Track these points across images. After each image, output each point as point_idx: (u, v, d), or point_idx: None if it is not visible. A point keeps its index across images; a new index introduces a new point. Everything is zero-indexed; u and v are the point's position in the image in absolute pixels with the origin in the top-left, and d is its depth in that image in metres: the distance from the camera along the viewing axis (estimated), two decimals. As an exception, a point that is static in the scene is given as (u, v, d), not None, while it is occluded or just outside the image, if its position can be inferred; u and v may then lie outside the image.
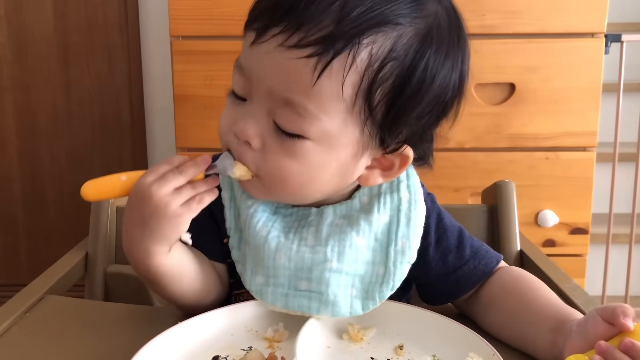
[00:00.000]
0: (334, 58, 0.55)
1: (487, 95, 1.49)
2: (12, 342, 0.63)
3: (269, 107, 0.59)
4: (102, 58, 2.08)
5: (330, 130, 0.59)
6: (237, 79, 0.62)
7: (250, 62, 0.60)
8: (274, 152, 0.60)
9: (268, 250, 0.64)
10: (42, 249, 2.20)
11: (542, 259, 0.86)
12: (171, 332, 0.59)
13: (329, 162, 0.61)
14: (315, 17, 0.55)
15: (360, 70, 0.56)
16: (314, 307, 0.63)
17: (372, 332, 0.63)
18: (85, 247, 0.92)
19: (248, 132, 0.60)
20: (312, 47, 0.55)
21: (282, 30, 0.56)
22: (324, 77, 0.56)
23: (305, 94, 0.57)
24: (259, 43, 0.58)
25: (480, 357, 0.56)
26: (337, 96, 0.57)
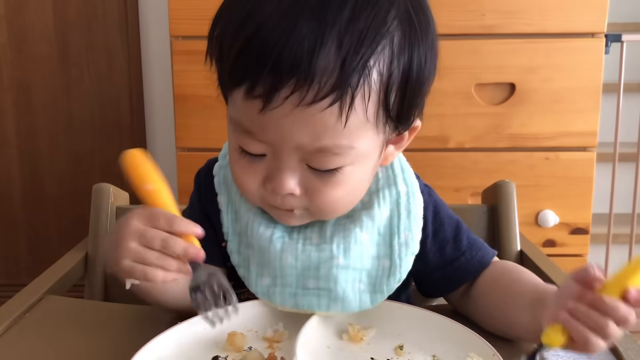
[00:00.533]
0: (354, 96, 0.55)
1: (487, 95, 1.49)
2: (12, 342, 0.63)
3: (299, 157, 0.59)
4: (102, 58, 2.08)
5: (362, 150, 0.60)
6: (249, 143, 0.59)
7: (264, 128, 0.57)
8: (318, 190, 0.61)
9: (274, 251, 0.65)
10: (42, 249, 2.20)
11: (542, 259, 0.86)
12: (171, 332, 0.59)
13: (366, 173, 0.63)
14: (321, 66, 0.53)
15: (376, 90, 0.57)
16: (324, 304, 0.64)
17: (372, 332, 0.63)
18: (85, 247, 0.92)
19: (289, 186, 0.60)
20: (330, 96, 0.54)
21: (294, 90, 0.54)
22: (351, 116, 0.56)
23: (336, 136, 0.57)
24: (271, 110, 0.55)
25: (480, 357, 0.56)
26: (364, 122, 0.58)
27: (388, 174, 0.69)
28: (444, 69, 1.65)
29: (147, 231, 0.56)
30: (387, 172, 0.69)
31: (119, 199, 0.95)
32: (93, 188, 0.93)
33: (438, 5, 1.59)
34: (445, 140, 1.50)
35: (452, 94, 1.47)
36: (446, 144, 1.50)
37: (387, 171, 0.69)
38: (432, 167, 1.49)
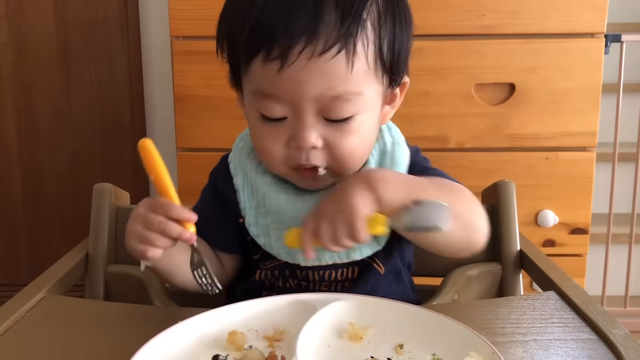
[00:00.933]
0: (355, 44, 0.64)
1: (487, 95, 1.49)
2: (12, 342, 0.63)
3: (316, 110, 0.67)
4: (102, 58, 2.08)
5: (368, 97, 0.68)
6: (271, 106, 0.67)
7: (284, 86, 0.65)
8: (337, 141, 0.68)
9: (291, 212, 0.73)
10: (42, 249, 2.20)
11: (542, 259, 0.86)
12: (171, 331, 0.59)
13: (374, 122, 0.72)
14: (325, 21, 0.63)
15: (372, 39, 0.66)
16: (343, 253, 0.73)
17: (372, 331, 0.63)
18: (85, 247, 0.92)
19: (310, 140, 0.67)
20: (337, 45, 0.63)
21: (305, 45, 0.63)
22: (356, 62, 0.65)
23: (347, 82, 0.65)
24: (289, 66, 0.64)
25: (480, 356, 0.56)
26: (367, 69, 0.67)
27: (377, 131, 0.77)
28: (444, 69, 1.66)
29: (148, 215, 0.66)
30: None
31: (119, 199, 0.95)
32: (94, 188, 0.93)
33: (438, 5, 1.61)
34: (445, 140, 1.50)
35: (452, 94, 1.48)
36: (446, 144, 1.50)
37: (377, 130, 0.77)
38: (432, 167, 1.49)
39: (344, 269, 0.77)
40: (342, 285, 0.78)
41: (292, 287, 0.78)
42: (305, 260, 0.73)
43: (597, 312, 0.67)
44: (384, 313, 0.65)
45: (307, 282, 0.77)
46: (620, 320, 0.66)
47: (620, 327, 0.64)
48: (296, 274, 0.77)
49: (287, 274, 0.78)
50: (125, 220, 0.94)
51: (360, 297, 0.68)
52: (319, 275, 0.77)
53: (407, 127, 1.52)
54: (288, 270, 0.77)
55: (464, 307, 0.75)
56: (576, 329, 0.65)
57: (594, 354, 0.60)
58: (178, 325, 0.61)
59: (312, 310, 0.63)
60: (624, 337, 0.62)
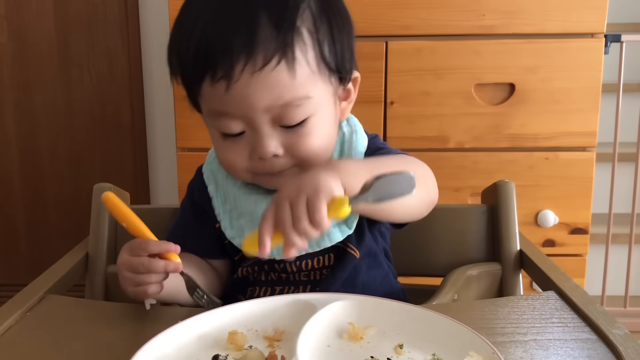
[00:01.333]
0: (294, 51, 0.67)
1: (487, 95, 1.49)
2: (12, 342, 0.63)
3: (270, 120, 0.69)
4: (102, 58, 2.08)
5: (319, 99, 0.70)
6: (226, 123, 0.70)
7: (234, 103, 0.68)
8: (296, 144, 0.70)
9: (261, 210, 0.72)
10: (42, 249, 2.20)
11: (542, 259, 0.86)
12: (171, 331, 0.59)
13: (330, 120, 0.74)
14: (261, 36, 0.66)
15: (311, 44, 0.69)
16: (314, 243, 0.74)
17: (372, 331, 0.63)
18: (85, 247, 0.92)
19: (271, 150, 0.69)
20: (275, 56, 0.66)
21: (246, 62, 0.66)
22: (297, 68, 0.67)
23: (293, 89, 0.68)
24: (234, 84, 0.66)
25: (480, 356, 0.56)
26: (310, 73, 0.69)
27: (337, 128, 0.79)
28: (444, 69, 1.66)
29: (132, 260, 0.68)
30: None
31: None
32: (94, 188, 0.93)
33: (438, 5, 1.61)
34: (445, 140, 1.50)
35: (452, 94, 1.48)
36: (446, 144, 1.50)
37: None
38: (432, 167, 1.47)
39: (320, 257, 0.78)
40: (320, 272, 0.79)
41: (273, 280, 0.80)
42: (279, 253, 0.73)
43: (597, 312, 0.67)
44: (384, 313, 0.65)
45: (286, 274, 0.79)
46: (620, 320, 0.66)
47: (620, 327, 0.64)
48: (274, 268, 0.79)
49: (266, 269, 0.80)
50: (125, 220, 0.94)
51: (360, 297, 0.68)
52: (297, 266, 0.78)
53: (407, 127, 1.53)
54: (267, 265, 0.79)
55: (464, 307, 0.75)
56: (576, 329, 0.65)
57: (594, 354, 0.60)
58: (178, 325, 0.61)
59: (312, 310, 0.63)
60: (624, 337, 0.62)
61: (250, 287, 0.81)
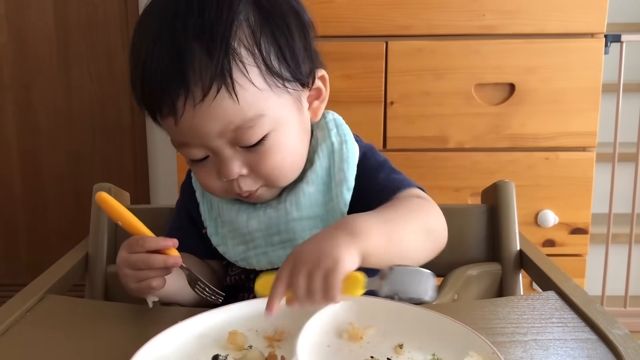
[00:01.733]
0: (232, 75, 0.64)
1: (487, 95, 1.49)
2: (12, 342, 0.63)
3: (228, 143, 0.68)
4: (102, 58, 2.08)
5: (274, 116, 0.68)
6: (189, 151, 0.70)
7: (187, 135, 0.68)
8: (259, 163, 0.70)
9: (241, 221, 0.76)
10: (42, 249, 2.20)
11: (542, 259, 0.86)
12: (171, 331, 0.59)
13: (292, 132, 0.71)
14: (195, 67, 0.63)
15: (251, 61, 0.65)
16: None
17: (372, 331, 0.63)
18: (85, 247, 0.92)
19: (234, 171, 0.69)
20: (213, 86, 0.64)
21: (186, 97, 0.64)
22: (239, 93, 0.65)
23: (240, 113, 0.66)
24: (180, 119, 0.66)
25: (480, 356, 0.56)
26: (256, 91, 0.66)
27: (324, 132, 0.78)
28: (444, 69, 1.66)
29: (131, 257, 0.68)
30: (322, 131, 0.78)
31: (119, 199, 0.95)
32: (94, 188, 0.93)
33: (438, 6, 1.61)
34: (445, 140, 1.50)
35: (452, 94, 1.48)
36: (446, 144, 1.50)
37: (323, 130, 0.78)
38: (432, 167, 1.49)
39: None
40: None
41: None
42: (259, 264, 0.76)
43: (597, 312, 0.68)
44: (384, 313, 0.65)
45: None
46: (620, 320, 0.66)
47: (620, 327, 0.64)
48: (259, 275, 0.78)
49: (252, 277, 0.79)
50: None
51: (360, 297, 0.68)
52: None
53: (407, 127, 1.53)
54: (252, 274, 0.79)
55: (464, 307, 0.75)
56: (576, 329, 0.65)
57: (594, 354, 0.60)
58: (178, 325, 0.61)
59: (312, 310, 0.63)
60: (623, 337, 0.62)
61: (242, 292, 0.81)
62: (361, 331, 0.63)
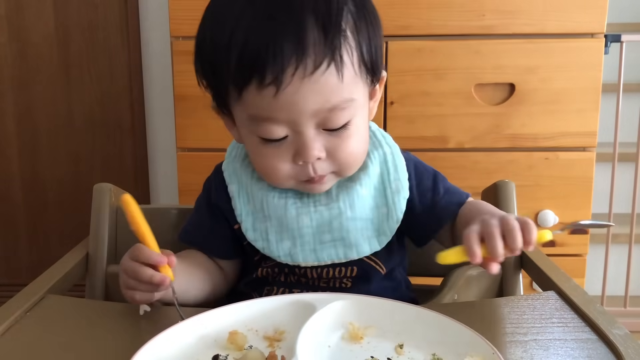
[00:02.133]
0: (342, 55, 0.66)
1: (487, 95, 1.49)
2: (12, 342, 0.63)
3: (315, 124, 0.69)
4: (102, 58, 2.08)
5: (359, 101, 0.71)
6: (271, 129, 0.69)
7: (282, 109, 0.67)
8: (339, 147, 0.71)
9: (290, 216, 0.75)
10: (42, 249, 2.20)
11: (542, 259, 0.86)
12: (171, 331, 0.59)
13: (365, 122, 0.75)
14: (310, 40, 0.65)
15: (354, 46, 0.69)
16: (341, 253, 0.76)
17: (372, 331, 0.63)
18: (85, 247, 0.92)
19: (314, 152, 0.70)
20: (325, 60, 0.65)
21: (297, 67, 0.65)
22: (344, 71, 0.67)
23: (340, 92, 0.68)
24: (284, 89, 0.65)
25: (480, 356, 0.56)
26: (354, 75, 0.69)
27: (373, 140, 0.81)
28: (444, 69, 1.66)
29: (126, 263, 0.69)
30: (372, 138, 0.81)
31: (119, 199, 0.95)
32: (94, 188, 0.93)
33: (438, 6, 1.60)
34: (445, 140, 1.50)
35: (452, 94, 1.48)
36: (446, 144, 1.50)
37: (372, 138, 0.81)
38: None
39: (343, 267, 0.79)
40: (340, 282, 0.80)
41: (292, 282, 0.80)
42: (305, 261, 0.76)
43: (597, 312, 0.68)
44: (384, 313, 0.65)
45: (306, 279, 0.80)
46: (620, 320, 0.66)
47: (620, 327, 0.64)
48: (295, 272, 0.79)
49: (286, 271, 0.80)
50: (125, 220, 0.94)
51: (360, 297, 0.68)
52: (317, 273, 0.79)
53: (407, 127, 1.53)
54: (287, 268, 0.79)
55: (464, 307, 0.75)
56: (576, 329, 0.65)
57: (594, 354, 0.60)
58: (178, 325, 0.61)
59: (312, 310, 0.63)
60: (624, 337, 0.62)
61: (268, 286, 0.81)
62: (361, 331, 0.63)
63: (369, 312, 0.65)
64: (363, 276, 0.80)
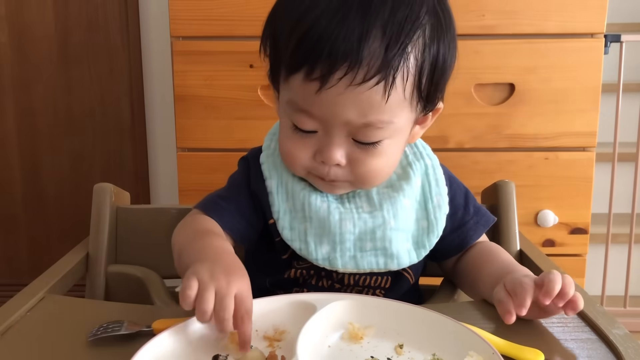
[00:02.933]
0: (395, 77, 0.65)
1: (487, 96, 1.49)
2: (12, 342, 0.63)
3: (347, 132, 0.69)
4: (102, 58, 2.08)
5: (399, 125, 0.70)
6: (304, 120, 0.69)
7: (320, 106, 0.67)
8: (361, 161, 0.71)
9: (333, 220, 0.74)
10: (42, 249, 2.20)
11: (541, 259, 0.86)
12: (171, 331, 0.59)
13: (400, 146, 0.74)
14: (369, 51, 0.64)
15: (413, 73, 0.67)
16: (382, 262, 0.75)
17: (372, 331, 0.64)
18: (86, 247, 0.92)
19: (336, 157, 0.69)
20: (376, 77, 0.64)
21: (346, 72, 0.64)
22: (392, 94, 0.66)
23: (380, 112, 0.67)
24: (327, 89, 0.65)
25: (480, 356, 0.56)
26: (402, 100, 0.68)
27: (414, 150, 0.81)
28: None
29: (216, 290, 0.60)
30: (413, 149, 0.81)
31: (119, 199, 0.95)
32: (94, 188, 0.93)
33: (438, 6, 1.57)
34: (445, 140, 1.50)
35: (452, 94, 1.47)
36: (446, 144, 1.50)
37: (414, 148, 0.81)
38: (432, 167, 1.49)
39: (379, 277, 0.79)
40: (373, 291, 0.79)
41: (324, 287, 0.79)
42: (344, 267, 0.75)
43: (597, 312, 0.68)
44: (384, 313, 0.65)
45: (341, 285, 0.78)
46: (620, 320, 0.66)
47: (620, 327, 0.64)
48: (332, 276, 0.78)
49: (322, 274, 0.79)
50: (125, 220, 0.94)
51: (361, 297, 0.68)
52: (354, 280, 0.78)
53: (407, 127, 1.53)
54: (324, 272, 0.78)
55: (464, 307, 0.75)
56: (576, 329, 0.65)
57: (594, 354, 0.60)
58: (178, 325, 0.61)
59: (312, 310, 0.64)
60: (623, 337, 0.62)
61: (297, 288, 0.80)
62: (361, 331, 0.63)
63: (369, 312, 0.65)
64: (397, 286, 0.80)
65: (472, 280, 0.79)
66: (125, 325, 0.64)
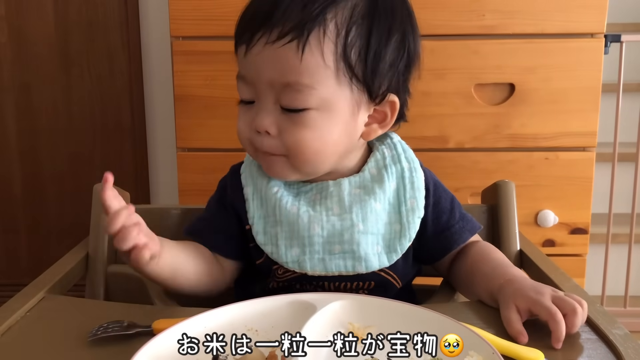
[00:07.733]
0: (309, 36, 0.68)
1: (487, 95, 1.49)
2: (12, 342, 0.63)
3: (274, 97, 0.72)
4: (102, 58, 2.08)
5: (326, 96, 0.71)
6: (242, 88, 0.74)
7: (248, 69, 0.73)
8: (289, 130, 0.72)
9: (302, 223, 0.75)
10: (42, 249, 2.20)
11: (541, 259, 0.86)
12: (171, 331, 0.59)
13: (334, 125, 0.73)
14: (286, 13, 0.69)
15: (332, 39, 0.69)
16: (350, 265, 0.75)
17: (372, 331, 0.63)
18: (85, 247, 0.92)
19: (264, 123, 0.72)
20: (290, 34, 0.68)
21: (264, 32, 0.70)
22: (306, 53, 0.69)
23: (297, 72, 0.69)
24: (250, 49, 0.71)
25: (480, 356, 0.56)
26: (322, 65, 0.70)
27: (392, 153, 0.81)
28: (444, 69, 1.66)
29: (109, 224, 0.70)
30: (392, 152, 0.81)
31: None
32: (94, 188, 0.93)
33: (438, 5, 1.60)
34: (445, 140, 1.50)
35: (452, 94, 1.48)
36: (446, 144, 1.50)
37: (392, 151, 0.81)
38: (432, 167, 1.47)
39: (360, 281, 0.78)
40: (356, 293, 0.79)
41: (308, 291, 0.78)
42: (313, 269, 0.75)
43: (597, 312, 0.68)
44: (384, 313, 0.65)
45: (322, 290, 0.78)
46: (620, 320, 0.66)
47: (620, 327, 0.64)
48: (312, 282, 0.78)
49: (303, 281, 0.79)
50: (125, 220, 0.94)
51: (360, 297, 0.68)
52: (334, 286, 0.78)
53: (407, 127, 1.52)
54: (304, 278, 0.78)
55: (464, 307, 0.75)
56: (576, 329, 0.65)
57: (594, 354, 0.60)
58: (178, 325, 0.60)
59: (312, 310, 0.64)
60: (623, 337, 0.62)
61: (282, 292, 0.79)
62: (361, 331, 0.63)
63: (369, 312, 0.65)
64: (380, 290, 0.79)
65: (467, 281, 0.80)
66: (125, 325, 0.64)
